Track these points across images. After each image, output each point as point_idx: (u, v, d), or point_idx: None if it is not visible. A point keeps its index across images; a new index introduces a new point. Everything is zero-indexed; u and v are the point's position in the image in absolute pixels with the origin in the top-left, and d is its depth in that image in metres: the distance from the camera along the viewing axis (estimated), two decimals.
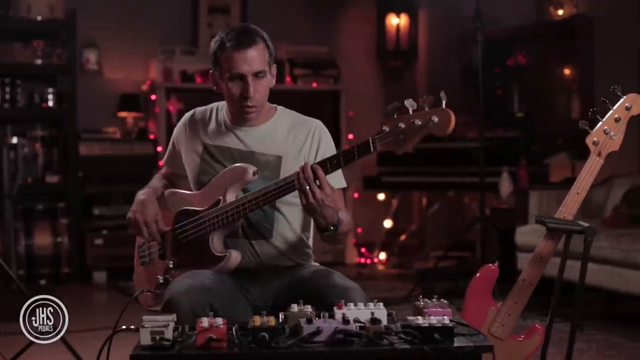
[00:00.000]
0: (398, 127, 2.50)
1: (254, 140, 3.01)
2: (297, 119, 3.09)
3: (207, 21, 8.25)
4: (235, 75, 2.89)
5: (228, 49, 2.88)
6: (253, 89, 2.89)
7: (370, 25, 8.77)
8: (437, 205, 8.32)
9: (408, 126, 2.49)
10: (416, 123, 2.47)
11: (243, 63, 2.87)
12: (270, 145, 3.00)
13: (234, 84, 2.91)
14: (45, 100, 7.32)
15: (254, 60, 2.88)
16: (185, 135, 3.15)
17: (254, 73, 2.89)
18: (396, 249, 8.44)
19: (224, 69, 2.91)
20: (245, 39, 2.89)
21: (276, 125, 3.04)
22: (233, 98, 2.94)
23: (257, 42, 2.90)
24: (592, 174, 3.10)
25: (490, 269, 3.19)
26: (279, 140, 3.01)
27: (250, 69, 2.88)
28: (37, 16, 7.18)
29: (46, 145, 7.41)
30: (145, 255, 3.18)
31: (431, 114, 2.46)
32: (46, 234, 7.17)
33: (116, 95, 7.87)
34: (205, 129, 3.10)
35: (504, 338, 3.12)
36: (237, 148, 3.01)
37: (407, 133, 2.50)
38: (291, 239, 3.02)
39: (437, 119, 2.45)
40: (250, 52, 2.88)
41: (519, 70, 8.24)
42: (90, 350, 4.34)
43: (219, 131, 3.07)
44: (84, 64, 7.81)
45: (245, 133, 3.02)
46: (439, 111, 2.45)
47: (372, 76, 8.84)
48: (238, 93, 2.91)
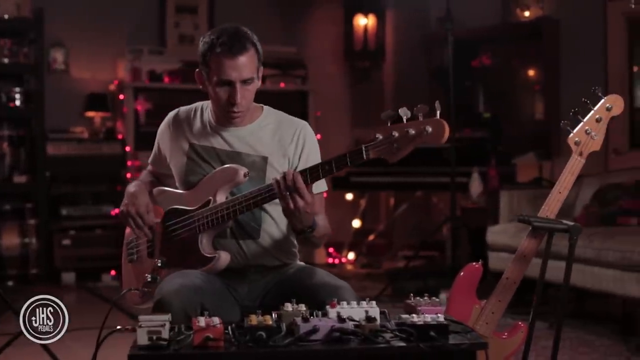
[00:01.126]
0: (392, 136, 2.52)
1: (239, 141, 3.01)
2: (283, 119, 3.09)
3: (175, 21, 8.22)
4: (224, 82, 2.87)
5: (218, 53, 2.86)
6: (240, 95, 2.88)
7: (338, 25, 8.80)
8: (404, 205, 8.36)
9: (402, 135, 2.51)
10: (410, 132, 2.49)
11: (232, 70, 2.85)
12: (255, 146, 3.00)
13: (221, 89, 2.89)
14: (12, 99, 7.23)
15: (244, 67, 2.87)
16: (170, 135, 3.14)
17: (243, 80, 2.87)
18: (364, 248, 8.47)
19: (212, 72, 2.89)
20: (237, 44, 2.86)
21: (262, 126, 3.04)
22: (219, 102, 2.93)
23: (248, 48, 2.88)
24: (574, 173, 3.14)
25: (475, 268, 3.22)
26: (265, 141, 3.01)
27: (240, 76, 2.86)
28: (4, 15, 7.09)
29: (13, 145, 7.32)
30: (133, 253, 3.17)
31: (425, 123, 2.48)
32: (14, 235, 7.09)
33: (83, 95, 7.81)
34: (191, 128, 3.09)
35: (487, 336, 3.15)
36: (223, 149, 3.01)
37: (401, 142, 2.52)
38: (278, 238, 3.03)
39: (431, 129, 2.47)
40: (241, 59, 2.86)
41: (484, 71, 8.32)
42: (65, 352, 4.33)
43: (204, 131, 3.06)
44: (51, 64, 7.75)
45: (230, 134, 3.02)
46: (433, 121, 2.47)
47: (339, 76, 8.87)
48: (225, 98, 2.90)
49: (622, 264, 4.82)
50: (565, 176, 3.14)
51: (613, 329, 5.26)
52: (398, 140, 2.52)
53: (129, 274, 3.20)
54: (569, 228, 2.94)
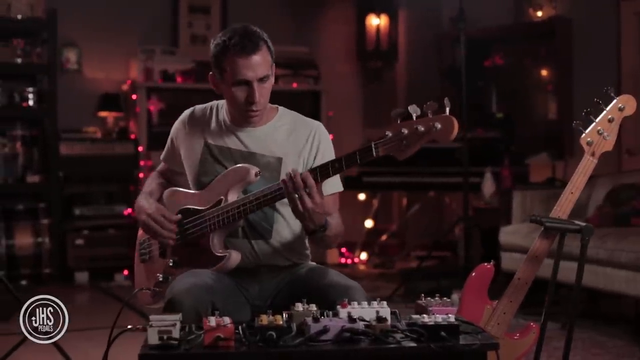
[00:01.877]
0: (401, 133, 2.51)
1: (254, 141, 3.01)
2: (298, 120, 3.09)
3: (188, 21, 8.24)
4: (240, 81, 2.87)
5: (232, 54, 2.85)
6: (258, 93, 2.88)
7: (350, 25, 8.80)
8: (417, 205, 8.35)
9: (411, 132, 2.49)
10: (419, 129, 2.47)
11: (248, 69, 2.85)
12: (270, 146, 3.00)
13: (238, 89, 2.89)
14: (26, 99, 7.25)
15: (258, 65, 2.87)
16: (185, 134, 3.13)
17: (259, 78, 2.88)
18: (377, 248, 8.46)
19: (228, 74, 2.88)
20: (249, 44, 2.86)
21: (277, 127, 3.04)
22: (237, 102, 2.92)
23: (261, 46, 2.88)
24: (586, 173, 3.13)
25: (486, 268, 3.22)
26: (280, 141, 3.01)
27: (255, 74, 2.86)
28: (17, 15, 7.12)
29: (26, 145, 7.34)
30: (145, 253, 3.17)
31: (434, 120, 2.46)
32: (27, 235, 7.11)
33: (96, 95, 7.84)
34: (206, 127, 3.09)
35: (499, 336, 3.15)
36: (238, 149, 3.01)
37: (410, 139, 2.50)
38: (290, 239, 3.03)
39: (440, 126, 2.45)
40: (255, 58, 2.86)
41: (497, 70, 8.30)
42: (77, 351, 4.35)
43: (219, 131, 3.06)
44: (64, 64, 7.77)
45: (246, 134, 3.02)
46: (441, 118, 2.46)
47: (352, 76, 8.86)
48: (243, 98, 2.90)
49: (636, 265, 4.80)
50: (577, 176, 3.14)
51: (626, 329, 5.25)
52: (407, 137, 2.51)
53: (141, 273, 3.20)
54: (581, 229, 2.93)
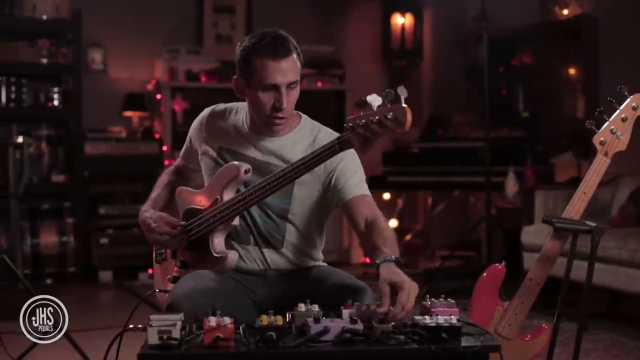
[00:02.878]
0: (359, 126, 2.41)
1: (270, 152, 2.95)
2: (320, 133, 2.99)
3: (212, 20, 8.24)
4: (269, 86, 2.80)
5: (263, 57, 2.78)
6: (286, 100, 2.82)
7: (376, 24, 8.76)
8: (442, 205, 8.31)
9: (368, 123, 2.38)
10: (374, 121, 2.36)
11: (278, 74, 2.78)
12: (287, 157, 2.91)
13: (265, 94, 2.82)
14: (51, 99, 7.31)
15: (289, 70, 2.80)
16: (202, 135, 3.10)
17: (288, 84, 2.81)
18: (402, 248, 8.42)
19: (256, 78, 2.81)
20: (281, 48, 2.79)
21: (296, 139, 2.96)
22: (263, 108, 2.84)
23: (292, 51, 2.81)
24: (599, 173, 3.10)
25: (497, 269, 3.20)
26: (296, 153, 2.89)
27: (285, 79, 2.79)
28: (42, 15, 7.17)
29: (52, 145, 7.40)
30: (161, 253, 3.19)
31: (388, 111, 2.34)
32: (52, 234, 7.16)
33: (121, 95, 7.87)
34: (223, 130, 3.05)
35: (510, 337, 3.13)
36: (253, 157, 2.95)
37: (368, 132, 2.40)
38: (302, 247, 3.01)
39: (394, 116, 2.32)
40: (286, 63, 2.79)
41: (524, 69, 8.24)
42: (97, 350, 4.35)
43: (236, 136, 3.01)
44: (89, 64, 7.80)
45: (263, 142, 2.96)
46: (395, 108, 2.33)
47: (377, 76, 8.82)
48: (270, 104, 2.82)
49: None
50: (590, 176, 3.11)
51: None
52: (365, 130, 2.40)
53: (158, 274, 3.22)
54: (591, 229, 2.90)
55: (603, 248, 4.98)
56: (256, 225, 2.94)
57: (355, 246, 8.18)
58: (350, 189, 2.88)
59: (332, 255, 8.07)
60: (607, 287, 5.21)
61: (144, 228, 3.03)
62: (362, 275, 7.42)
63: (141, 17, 7.96)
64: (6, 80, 7.12)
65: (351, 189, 2.87)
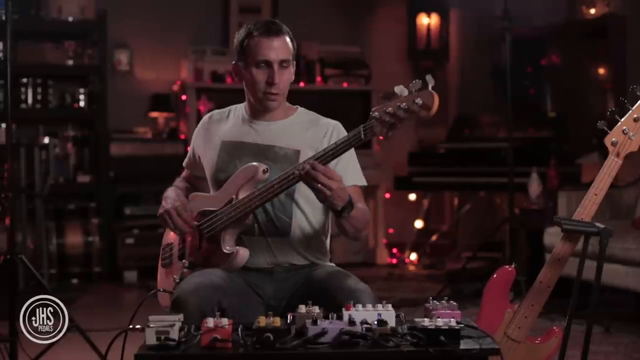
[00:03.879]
0: (385, 112, 2.52)
1: (272, 134, 3.05)
2: (316, 119, 3.13)
3: (238, 21, 8.23)
4: (261, 62, 2.95)
5: (256, 36, 2.96)
6: (278, 76, 2.95)
7: (401, 24, 8.73)
8: (468, 205, 8.27)
9: (394, 110, 2.50)
10: (401, 106, 2.48)
11: (270, 50, 2.95)
12: (288, 139, 3.03)
13: (259, 71, 2.96)
14: (77, 100, 7.38)
15: (280, 48, 2.96)
16: (203, 138, 3.19)
17: (280, 61, 2.96)
18: (427, 249, 8.39)
19: (250, 57, 2.97)
20: (272, 27, 2.98)
21: (294, 122, 3.08)
22: (257, 85, 2.98)
23: (284, 32, 3.00)
24: (611, 174, 3.06)
25: (507, 271, 3.17)
26: (297, 135, 3.04)
27: (277, 56, 2.95)
28: (68, 17, 7.23)
29: (78, 146, 7.45)
30: (167, 257, 3.21)
31: (415, 96, 2.47)
32: (77, 234, 7.21)
33: (147, 96, 7.91)
34: (223, 127, 3.14)
35: (520, 340, 3.10)
36: (255, 142, 3.05)
37: (394, 117, 2.51)
38: (308, 236, 3.03)
39: (421, 101, 2.45)
40: (277, 41, 2.96)
41: (552, 69, 8.17)
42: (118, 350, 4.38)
43: (236, 127, 3.11)
44: (116, 65, 7.85)
45: (263, 127, 3.07)
46: (422, 93, 2.47)
47: (403, 76, 8.76)
48: (264, 80, 2.96)
49: None
50: (601, 177, 3.07)
51: None
52: (392, 115, 2.51)
53: (163, 277, 3.24)
54: (599, 231, 2.86)
55: (625, 250, 4.94)
56: (265, 211, 2.96)
57: (380, 247, 8.16)
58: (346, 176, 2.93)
59: (358, 255, 8.07)
60: (631, 289, 5.14)
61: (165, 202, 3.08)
62: (387, 275, 7.41)
63: (167, 18, 8.00)
64: (32, 82, 7.19)
65: (347, 177, 2.93)
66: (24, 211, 6.80)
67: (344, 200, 2.73)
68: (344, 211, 2.76)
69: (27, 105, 7.22)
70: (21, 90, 7.16)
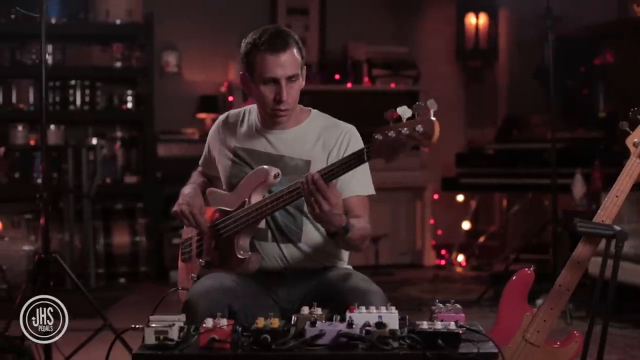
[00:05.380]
0: (388, 137, 2.46)
1: (283, 144, 3.01)
2: (329, 123, 3.08)
3: (286, 22, 8.24)
4: (268, 79, 2.88)
5: (262, 52, 2.87)
6: (286, 92, 2.89)
7: (450, 24, 8.66)
8: (516, 206, 8.17)
9: (397, 135, 2.44)
10: (403, 132, 2.42)
11: (277, 67, 2.86)
12: (299, 149, 3.00)
13: (266, 88, 2.90)
14: (125, 102, 7.47)
15: (287, 64, 2.87)
16: (218, 139, 3.18)
17: (288, 77, 2.88)
18: (476, 250, 8.31)
19: (257, 72, 2.90)
20: (279, 42, 2.87)
21: (306, 130, 3.04)
22: (265, 101, 2.93)
23: (291, 45, 2.89)
24: (632, 176, 3.01)
25: (526, 274, 3.13)
26: (308, 144, 3.01)
27: (284, 72, 2.87)
28: (116, 20, 7.33)
29: (125, 147, 7.56)
30: (186, 252, 3.24)
31: (417, 123, 2.40)
32: (124, 234, 7.29)
33: (195, 97, 7.98)
34: (237, 131, 3.12)
35: (539, 344, 3.05)
36: (267, 152, 3.02)
37: (396, 143, 2.45)
38: (319, 242, 3.01)
39: (422, 129, 2.38)
40: (284, 56, 2.87)
41: (605, 69, 8.02)
42: None
43: (249, 134, 3.08)
44: (164, 67, 7.93)
45: (275, 136, 3.03)
46: (424, 121, 2.39)
47: (452, 76, 8.73)
48: (271, 97, 2.90)
49: None
50: (622, 179, 3.03)
51: None
52: (394, 140, 2.45)
53: (182, 273, 3.27)
54: (615, 234, 2.81)
55: None
56: (274, 219, 2.96)
57: (428, 248, 8.10)
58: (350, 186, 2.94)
59: (405, 257, 8.04)
60: None
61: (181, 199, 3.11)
62: (433, 277, 7.36)
63: (215, 20, 8.05)
64: (81, 84, 7.30)
65: (353, 186, 2.94)
66: (72, 211, 6.93)
67: (336, 227, 2.72)
68: (335, 235, 2.76)
69: (75, 107, 7.34)
70: (69, 92, 7.29)
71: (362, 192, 3.00)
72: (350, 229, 2.77)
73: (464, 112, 8.75)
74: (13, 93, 7.18)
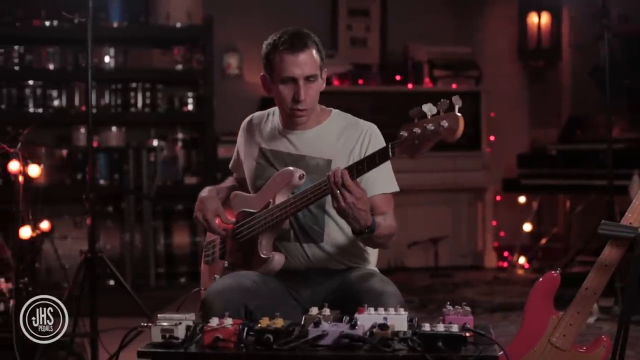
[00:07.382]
0: (413, 133, 2.49)
1: (304, 144, 3.04)
2: (350, 122, 3.10)
3: (347, 23, 8.27)
4: (286, 79, 2.93)
5: (280, 52, 2.92)
6: (304, 92, 2.92)
7: (512, 24, 8.56)
8: (580, 207, 8.04)
9: (422, 131, 2.47)
10: (428, 128, 2.45)
11: (295, 66, 2.91)
12: (320, 148, 3.02)
13: (285, 87, 2.94)
14: (185, 104, 7.57)
15: (306, 64, 2.92)
16: (244, 141, 3.23)
17: (306, 77, 2.92)
18: (539, 252, 8.20)
19: (276, 72, 2.95)
20: (297, 42, 2.92)
21: (327, 129, 3.06)
22: (284, 101, 2.97)
23: (309, 45, 2.94)
24: None
25: (553, 276, 3.11)
26: (329, 143, 3.03)
27: (302, 72, 2.91)
28: (176, 23, 7.42)
29: (186, 148, 7.65)
30: (209, 254, 3.28)
31: (442, 118, 2.43)
32: (184, 234, 7.38)
33: (257, 99, 8.02)
34: (261, 133, 3.16)
35: (565, 349, 3.01)
36: (288, 152, 3.05)
37: (421, 138, 2.49)
38: (342, 242, 3.02)
39: (447, 124, 2.41)
40: (302, 56, 2.91)
41: None
42: None
43: (272, 135, 3.12)
44: (225, 69, 8.01)
45: (296, 137, 3.06)
46: (449, 116, 2.43)
47: (514, 76, 8.63)
48: (290, 96, 2.94)
49: None
50: None
51: None
52: (419, 136, 2.48)
53: (205, 274, 3.31)
54: (636, 236, 2.76)
55: None
56: (296, 219, 2.99)
57: (489, 250, 8.03)
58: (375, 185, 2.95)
59: (466, 258, 7.99)
60: None
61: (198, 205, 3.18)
62: (492, 279, 7.29)
63: (276, 21, 8.00)
64: (142, 86, 7.42)
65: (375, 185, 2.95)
66: (133, 212, 7.06)
67: (361, 225, 2.73)
68: (361, 234, 2.77)
69: (136, 109, 7.45)
70: (131, 95, 7.41)
71: (387, 190, 3.02)
72: (377, 227, 2.78)
73: (527, 112, 8.65)
74: (76, 96, 7.32)
